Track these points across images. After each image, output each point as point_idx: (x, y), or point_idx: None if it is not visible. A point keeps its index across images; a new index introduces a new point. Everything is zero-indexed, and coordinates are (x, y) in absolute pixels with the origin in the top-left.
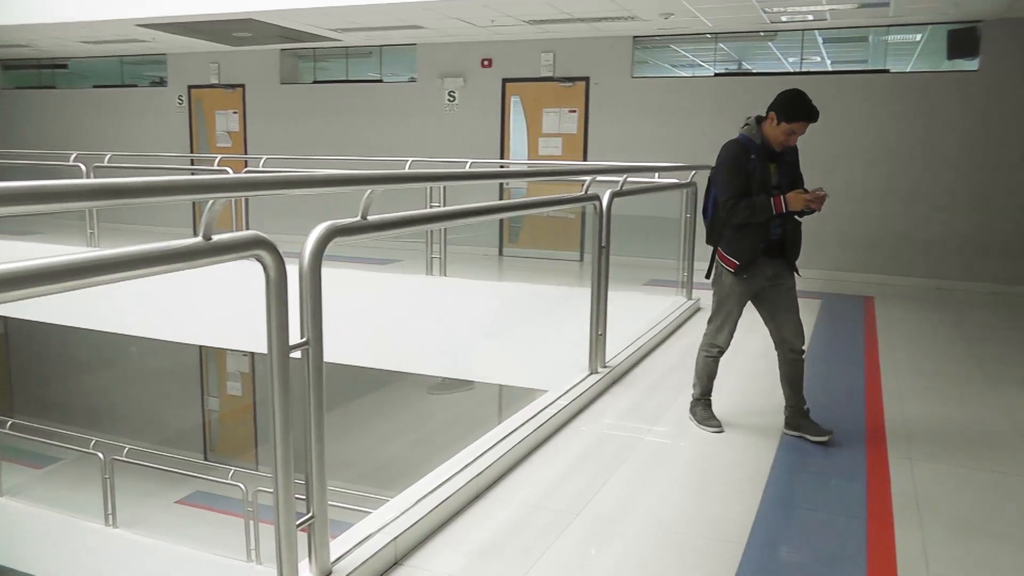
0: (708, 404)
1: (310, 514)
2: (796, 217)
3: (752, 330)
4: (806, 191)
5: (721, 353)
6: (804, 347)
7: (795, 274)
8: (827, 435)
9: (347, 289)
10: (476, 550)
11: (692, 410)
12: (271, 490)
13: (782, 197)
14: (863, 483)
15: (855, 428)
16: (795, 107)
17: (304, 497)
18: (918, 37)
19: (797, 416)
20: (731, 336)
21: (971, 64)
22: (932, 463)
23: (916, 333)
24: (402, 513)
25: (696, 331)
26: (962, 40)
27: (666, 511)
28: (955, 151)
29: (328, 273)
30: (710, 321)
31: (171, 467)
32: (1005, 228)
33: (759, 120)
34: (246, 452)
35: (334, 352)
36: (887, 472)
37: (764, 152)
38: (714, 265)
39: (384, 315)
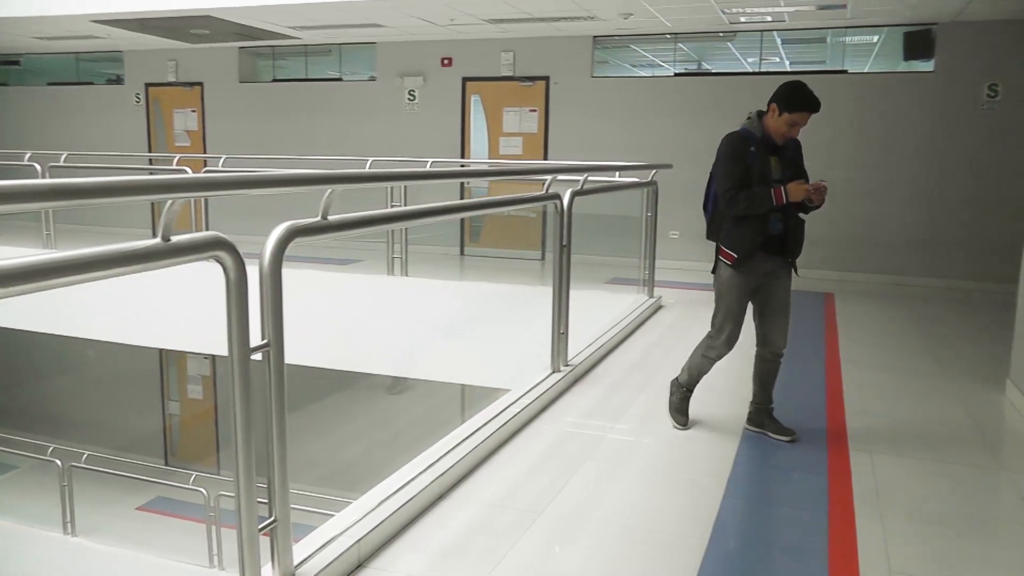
0: (686, 396)
1: (272, 518)
2: (800, 214)
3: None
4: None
5: (720, 356)
6: (784, 350)
7: (793, 272)
8: (790, 435)
9: (308, 290)
10: (440, 551)
11: (670, 393)
12: (233, 494)
13: (783, 188)
14: (824, 477)
15: (816, 423)
16: (797, 98)
17: (266, 501)
18: (875, 39)
19: (762, 414)
20: (733, 337)
21: (927, 65)
22: (892, 456)
23: (875, 328)
24: (365, 515)
25: (658, 328)
26: (918, 42)
27: (629, 508)
28: (912, 150)
29: (289, 274)
30: (713, 319)
31: (131, 473)
32: (960, 225)
33: (760, 114)
34: (207, 456)
35: (295, 353)
36: (848, 465)
37: (765, 145)
38: (717, 260)
39: (345, 316)
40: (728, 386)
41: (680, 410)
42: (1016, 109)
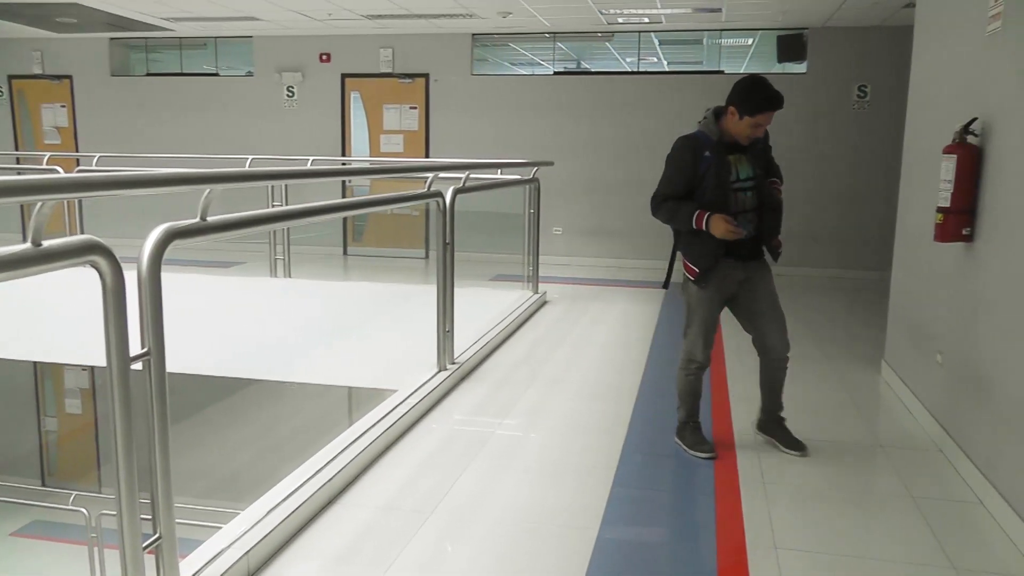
0: (697, 427)
1: (157, 535)
2: (773, 207)
3: (584, 311)
4: (733, 218)
5: (701, 368)
6: (789, 352)
7: (774, 260)
8: (800, 450)
9: (189, 295)
10: (331, 557)
11: (680, 435)
12: (115, 512)
13: (705, 216)
14: (711, 462)
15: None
16: (756, 99)
17: (150, 517)
18: (750, 41)
19: (771, 423)
20: (709, 348)
21: (800, 67)
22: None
23: None
24: (253, 525)
25: (543, 324)
26: (791, 45)
27: (519, 502)
28: (786, 148)
29: (168, 278)
30: (684, 334)
31: (5, 497)
32: (835, 217)
33: (717, 113)
34: (88, 474)
35: (177, 362)
36: (733, 449)
37: (723, 147)
38: (683, 273)
39: (228, 320)
40: (613, 380)
41: (697, 442)
42: (884, 109)
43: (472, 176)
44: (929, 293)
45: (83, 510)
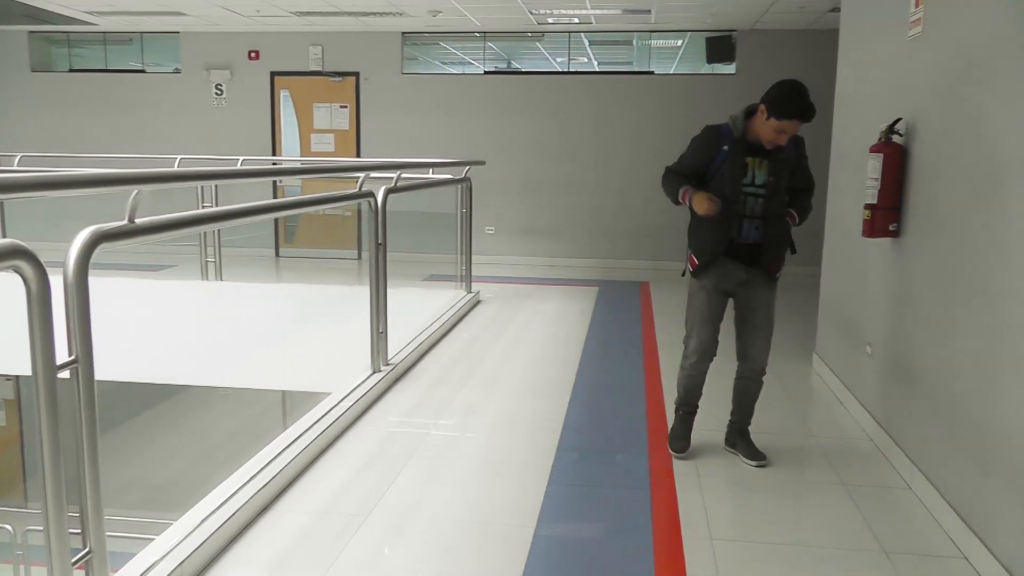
0: (686, 417)
1: (87, 549)
2: (786, 218)
3: (517, 310)
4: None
5: (696, 363)
6: (765, 367)
7: (774, 281)
8: (760, 460)
9: (118, 300)
10: (266, 565)
11: (672, 424)
12: (42, 528)
13: (689, 190)
14: (645, 456)
15: (636, 405)
16: (788, 104)
17: (79, 531)
18: (679, 42)
19: (735, 434)
20: (706, 346)
21: (729, 68)
22: (710, 431)
23: None
24: (187, 536)
25: (477, 323)
26: (719, 47)
27: (456, 502)
28: None
29: (96, 283)
30: (686, 327)
31: None
32: None
33: (748, 112)
34: (13, 488)
35: (106, 369)
36: (667, 443)
37: (743, 146)
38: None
39: (159, 325)
40: (547, 378)
41: (676, 435)
42: None
43: (404, 176)
44: (858, 288)
45: (7, 526)
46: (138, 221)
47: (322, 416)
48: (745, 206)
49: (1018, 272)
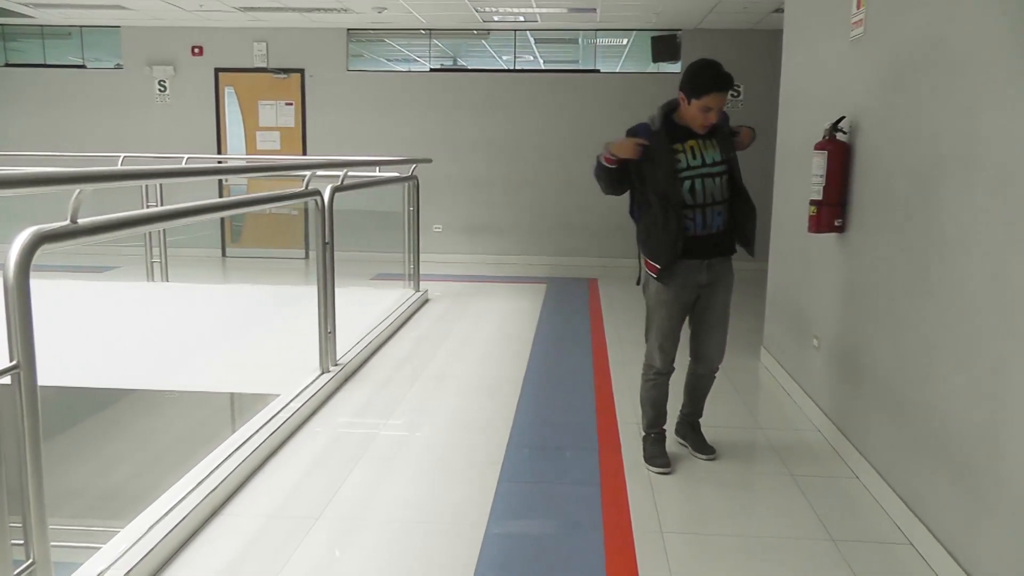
0: (658, 438)
1: (30, 560)
2: (747, 204)
3: (466, 308)
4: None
5: (660, 374)
6: (720, 365)
7: (750, 255)
8: (710, 453)
9: (61, 302)
10: (217, 570)
11: (643, 446)
12: None
13: (608, 145)
14: (595, 452)
15: (586, 402)
16: (701, 80)
17: (22, 542)
18: (625, 41)
19: (686, 426)
20: (670, 355)
21: (674, 67)
22: None
23: (639, 308)
24: (135, 543)
25: (425, 322)
26: (664, 46)
27: (407, 502)
28: None
29: (37, 285)
30: (645, 339)
31: None
32: None
33: (670, 107)
34: None
35: (49, 374)
36: (618, 439)
37: (665, 136)
38: (640, 270)
39: (103, 328)
40: (497, 375)
41: (653, 455)
42: (757, 108)
43: (351, 174)
44: (804, 282)
45: None
46: (81, 221)
47: (271, 418)
48: (704, 192)
49: (956, 265)
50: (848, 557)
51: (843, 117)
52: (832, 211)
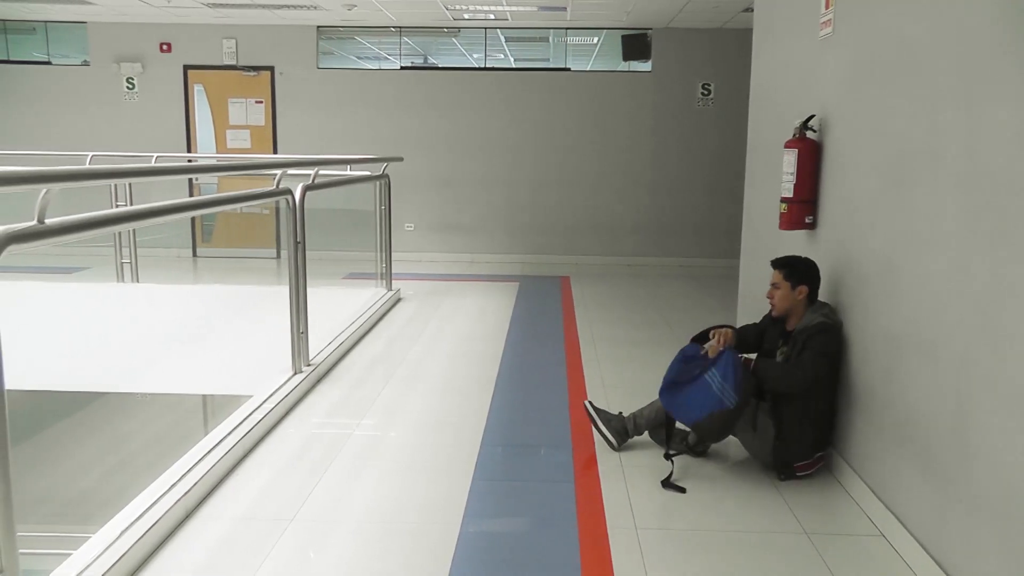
0: (620, 420)
1: None
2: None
3: (438, 307)
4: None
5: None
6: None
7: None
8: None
9: (28, 304)
10: (190, 574)
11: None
12: None
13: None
14: (569, 449)
15: (559, 398)
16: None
17: None
18: (595, 40)
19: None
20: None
21: (645, 66)
22: None
23: (611, 305)
24: (106, 549)
25: (398, 321)
26: (635, 44)
27: (381, 502)
28: (631, 142)
29: (4, 288)
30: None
31: None
32: (688, 208)
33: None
34: None
35: (16, 378)
36: (591, 436)
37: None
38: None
39: (73, 330)
40: (470, 374)
41: (608, 421)
42: (727, 106)
43: (322, 173)
44: None
45: None
46: (48, 222)
47: (244, 419)
48: None
49: (925, 259)
50: (821, 549)
51: (813, 115)
52: (803, 208)
